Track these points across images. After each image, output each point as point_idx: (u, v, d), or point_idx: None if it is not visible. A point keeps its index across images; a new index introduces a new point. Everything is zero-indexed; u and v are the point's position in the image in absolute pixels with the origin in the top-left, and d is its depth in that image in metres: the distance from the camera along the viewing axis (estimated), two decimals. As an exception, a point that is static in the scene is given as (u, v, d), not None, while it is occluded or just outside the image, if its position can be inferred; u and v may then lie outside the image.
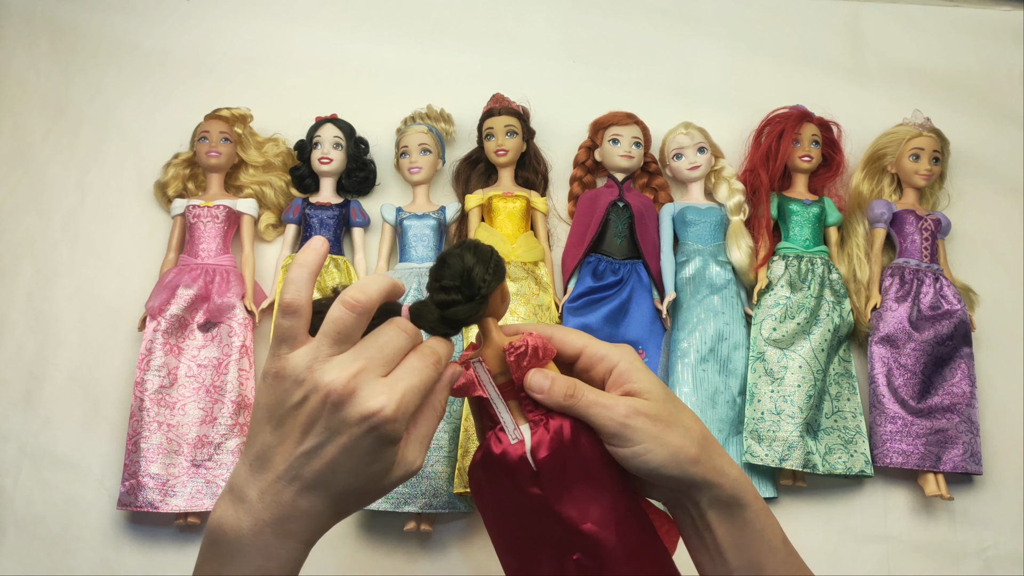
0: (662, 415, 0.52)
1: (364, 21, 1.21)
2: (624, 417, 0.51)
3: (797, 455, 0.96)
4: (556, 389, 0.53)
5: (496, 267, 0.54)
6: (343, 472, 0.49)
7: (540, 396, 0.53)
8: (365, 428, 0.48)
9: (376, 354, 0.50)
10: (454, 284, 0.53)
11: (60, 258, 1.07)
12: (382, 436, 0.48)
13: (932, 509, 1.02)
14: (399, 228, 1.07)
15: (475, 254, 0.54)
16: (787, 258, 1.06)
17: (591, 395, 0.52)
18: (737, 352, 1.02)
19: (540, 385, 0.53)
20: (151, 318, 0.99)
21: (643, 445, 0.51)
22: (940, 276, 1.07)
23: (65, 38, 1.18)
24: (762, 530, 0.55)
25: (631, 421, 0.51)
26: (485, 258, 0.54)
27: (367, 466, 0.49)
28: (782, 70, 1.21)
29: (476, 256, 0.54)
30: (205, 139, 1.06)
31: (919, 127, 1.11)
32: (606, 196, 1.06)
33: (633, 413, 0.51)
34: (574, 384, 0.53)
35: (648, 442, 0.51)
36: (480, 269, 0.53)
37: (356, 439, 0.48)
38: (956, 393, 1.02)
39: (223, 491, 0.53)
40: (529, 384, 0.54)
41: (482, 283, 0.53)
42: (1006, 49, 1.25)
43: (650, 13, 1.24)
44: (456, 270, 0.53)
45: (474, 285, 0.53)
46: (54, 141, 1.13)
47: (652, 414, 0.52)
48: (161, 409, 0.97)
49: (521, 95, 1.12)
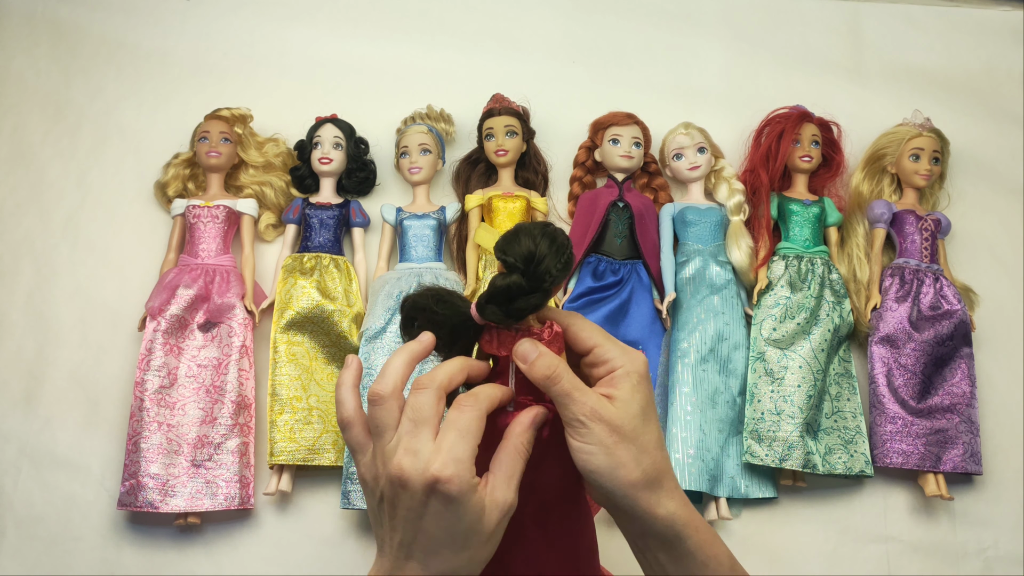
0: (623, 428, 0.52)
1: (364, 21, 1.21)
2: (584, 415, 0.52)
3: (797, 455, 0.96)
4: (539, 364, 0.53)
5: (567, 262, 0.53)
6: (441, 541, 0.51)
7: (523, 367, 0.53)
8: (431, 495, 0.50)
9: (410, 428, 0.51)
10: (517, 266, 0.52)
11: (60, 258, 1.07)
12: (448, 496, 0.50)
13: (932, 509, 1.02)
14: (399, 228, 1.07)
15: (550, 241, 0.52)
16: (787, 258, 1.06)
17: (568, 383, 0.53)
18: (737, 352, 1.02)
19: (525, 355, 0.53)
20: (151, 318, 0.99)
21: (590, 447, 0.52)
22: (940, 276, 1.07)
23: (65, 38, 1.18)
24: (705, 561, 0.55)
25: (589, 422, 0.52)
26: (558, 249, 0.52)
27: (456, 524, 0.51)
28: (782, 70, 1.21)
29: (550, 244, 0.52)
30: (205, 139, 1.07)
31: (919, 127, 1.11)
32: (606, 196, 1.06)
33: (595, 416, 0.52)
34: (557, 366, 0.53)
35: (595, 446, 0.52)
36: (551, 260, 0.52)
37: (432, 508, 0.50)
38: (956, 393, 1.02)
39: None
40: (516, 351, 0.54)
41: (547, 276, 0.52)
42: (1006, 49, 1.25)
43: (650, 13, 1.24)
44: (524, 252, 0.52)
45: (539, 277, 0.52)
46: (54, 141, 1.13)
47: (614, 423, 0.52)
48: (161, 409, 0.97)
49: (521, 95, 1.12)
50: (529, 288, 0.52)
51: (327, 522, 0.98)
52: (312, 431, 0.98)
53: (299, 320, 1.01)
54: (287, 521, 0.98)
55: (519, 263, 0.52)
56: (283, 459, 0.96)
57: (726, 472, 0.98)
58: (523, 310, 0.53)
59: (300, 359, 1.01)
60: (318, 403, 0.99)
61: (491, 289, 0.53)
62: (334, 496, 0.99)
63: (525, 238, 0.52)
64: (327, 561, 0.95)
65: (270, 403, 0.98)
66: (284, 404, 0.98)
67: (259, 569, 0.96)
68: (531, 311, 0.53)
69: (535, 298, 0.53)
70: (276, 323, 1.01)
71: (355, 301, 1.04)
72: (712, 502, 0.97)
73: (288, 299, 1.02)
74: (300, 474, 1.00)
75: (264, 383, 1.01)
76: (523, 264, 0.52)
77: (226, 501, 0.95)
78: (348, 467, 0.96)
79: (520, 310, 0.53)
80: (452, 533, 0.51)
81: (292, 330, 1.01)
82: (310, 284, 1.02)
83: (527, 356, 0.53)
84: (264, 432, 0.99)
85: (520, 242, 0.52)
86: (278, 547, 0.97)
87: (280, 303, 1.02)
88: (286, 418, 0.98)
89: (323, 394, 1.00)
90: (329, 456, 0.98)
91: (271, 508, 0.99)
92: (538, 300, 0.53)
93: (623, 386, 0.53)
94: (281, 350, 1.00)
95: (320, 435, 0.98)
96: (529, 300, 0.53)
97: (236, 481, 0.96)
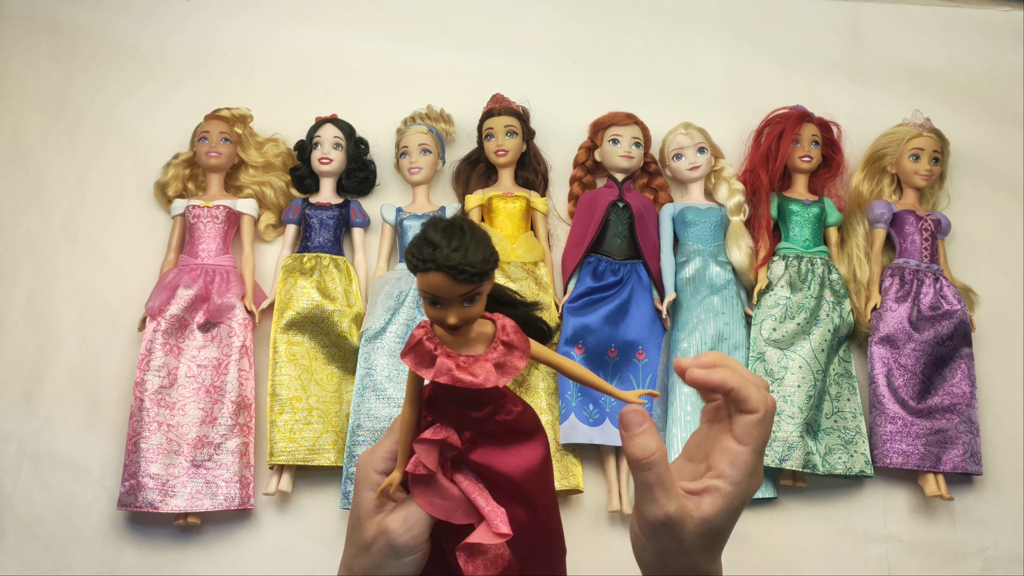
0: (688, 545, 0.50)
1: (364, 21, 1.21)
2: (658, 519, 0.50)
3: (797, 455, 0.96)
4: (637, 443, 0.50)
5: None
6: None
7: (622, 434, 0.51)
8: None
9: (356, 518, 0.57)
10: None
11: (60, 258, 1.07)
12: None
13: (932, 509, 1.02)
14: (399, 228, 1.07)
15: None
16: (787, 258, 1.06)
17: (656, 476, 0.50)
18: (737, 352, 1.02)
19: (630, 424, 0.51)
20: (151, 318, 0.99)
21: (645, 543, 0.52)
22: (940, 276, 1.07)
23: (65, 38, 1.18)
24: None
25: (658, 525, 0.50)
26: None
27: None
28: (782, 70, 1.21)
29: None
30: (205, 139, 1.06)
31: (919, 127, 1.11)
32: (606, 196, 1.06)
33: (665, 526, 0.50)
34: (655, 451, 0.50)
35: (651, 546, 0.51)
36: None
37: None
38: (956, 393, 1.02)
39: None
40: (623, 418, 0.51)
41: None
42: (1006, 49, 1.25)
43: (650, 13, 1.24)
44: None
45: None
46: (54, 141, 1.13)
47: (681, 541, 0.50)
48: (161, 409, 0.97)
49: (521, 95, 1.12)
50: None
51: (327, 522, 0.98)
52: (312, 431, 0.98)
53: (299, 320, 1.01)
54: (287, 521, 0.98)
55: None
56: (283, 459, 0.96)
57: (726, 472, 0.98)
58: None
59: (300, 359, 1.01)
60: (318, 403, 0.99)
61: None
62: (334, 496, 0.99)
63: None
64: (327, 561, 0.95)
65: (270, 403, 0.98)
66: (284, 404, 0.98)
67: (259, 569, 0.96)
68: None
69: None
70: (276, 323, 1.01)
71: (355, 301, 1.04)
72: (712, 502, 0.97)
73: (288, 299, 1.02)
74: (300, 474, 1.00)
75: (264, 383, 1.01)
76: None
77: (226, 501, 0.95)
78: (348, 467, 0.96)
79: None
80: (351, 512, 0.58)
81: (292, 330, 1.01)
82: (310, 284, 1.02)
83: (631, 426, 0.51)
84: (264, 432, 0.99)
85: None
86: (278, 547, 0.97)
87: (280, 303, 1.02)
88: (286, 418, 0.98)
89: (323, 394, 1.00)
90: (329, 456, 0.98)
91: (271, 508, 0.98)
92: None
93: (716, 496, 0.50)
94: (281, 350, 1.00)
95: (320, 435, 0.98)
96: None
97: (236, 481, 0.96)
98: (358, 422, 0.97)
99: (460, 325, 0.48)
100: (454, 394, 0.52)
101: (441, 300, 0.47)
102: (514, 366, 0.50)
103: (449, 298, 0.47)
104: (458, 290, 0.47)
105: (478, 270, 0.46)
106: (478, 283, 0.47)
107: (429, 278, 0.47)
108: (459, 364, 0.49)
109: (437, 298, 0.47)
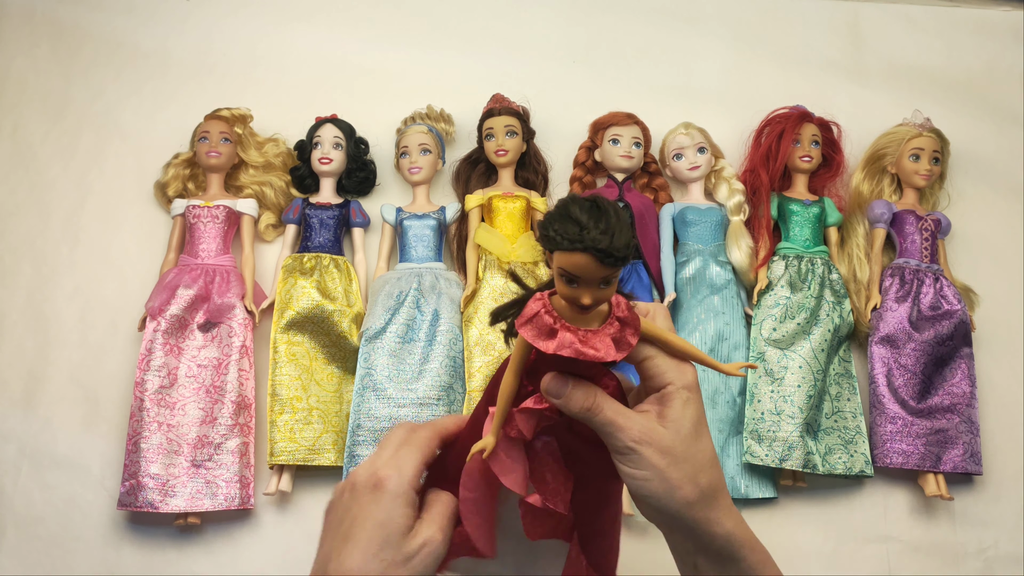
0: (675, 448, 0.51)
1: (364, 21, 1.21)
2: (633, 441, 0.50)
3: (797, 455, 0.96)
4: (575, 398, 0.51)
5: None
6: (363, 539, 0.53)
7: (557, 402, 0.52)
8: (370, 492, 0.53)
9: (377, 449, 0.56)
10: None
11: (60, 258, 1.07)
12: (380, 491, 0.53)
13: (932, 509, 1.02)
14: (399, 228, 1.07)
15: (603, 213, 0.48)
16: (787, 258, 1.06)
17: (610, 412, 0.51)
18: (737, 352, 1.02)
19: (558, 390, 0.51)
20: (151, 318, 0.99)
21: (643, 472, 0.51)
22: (940, 276, 1.07)
23: (66, 39, 1.18)
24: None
25: (640, 447, 0.50)
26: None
27: (378, 523, 0.53)
28: (782, 70, 1.21)
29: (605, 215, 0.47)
30: (205, 139, 1.07)
31: (919, 127, 1.11)
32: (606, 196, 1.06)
33: (644, 439, 0.50)
34: (595, 396, 0.51)
35: (648, 470, 0.51)
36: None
37: (365, 502, 0.53)
38: (956, 393, 1.02)
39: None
40: (546, 388, 0.52)
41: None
42: (1006, 49, 1.25)
43: (650, 13, 1.24)
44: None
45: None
46: (54, 141, 1.13)
47: (664, 445, 0.51)
48: (161, 409, 0.97)
49: (521, 95, 1.12)
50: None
51: (327, 522, 0.98)
52: (312, 431, 0.98)
53: (299, 320, 1.01)
54: (287, 521, 0.98)
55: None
56: (283, 459, 0.96)
57: (726, 472, 0.98)
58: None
59: (300, 359, 1.01)
60: (318, 403, 0.99)
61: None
62: (334, 496, 0.99)
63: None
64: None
65: (270, 403, 0.98)
66: (284, 404, 0.98)
67: (259, 569, 0.96)
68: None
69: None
70: (276, 323, 1.01)
71: (355, 301, 1.04)
72: (712, 502, 0.97)
73: (288, 299, 1.02)
74: (300, 474, 1.00)
75: (264, 383, 1.01)
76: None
77: (226, 501, 0.95)
78: (348, 467, 0.96)
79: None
80: (372, 532, 0.51)
81: (292, 330, 1.01)
82: (310, 284, 1.02)
83: (558, 392, 0.51)
84: (264, 432, 0.99)
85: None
86: (278, 547, 0.97)
87: (280, 303, 1.02)
88: (286, 418, 0.98)
89: (323, 394, 1.00)
90: (329, 456, 0.98)
91: (271, 508, 0.99)
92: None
93: (674, 403, 0.52)
94: (281, 350, 1.00)
95: (320, 435, 0.98)
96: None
97: (236, 481, 0.96)
98: (358, 422, 0.97)
99: (594, 306, 0.49)
100: (562, 367, 0.52)
101: (580, 280, 0.47)
102: (628, 342, 0.51)
103: (590, 279, 0.47)
104: (600, 272, 0.47)
105: (623, 254, 0.46)
106: (621, 266, 0.47)
107: (574, 258, 0.46)
108: (580, 338, 0.49)
109: (576, 277, 0.47)
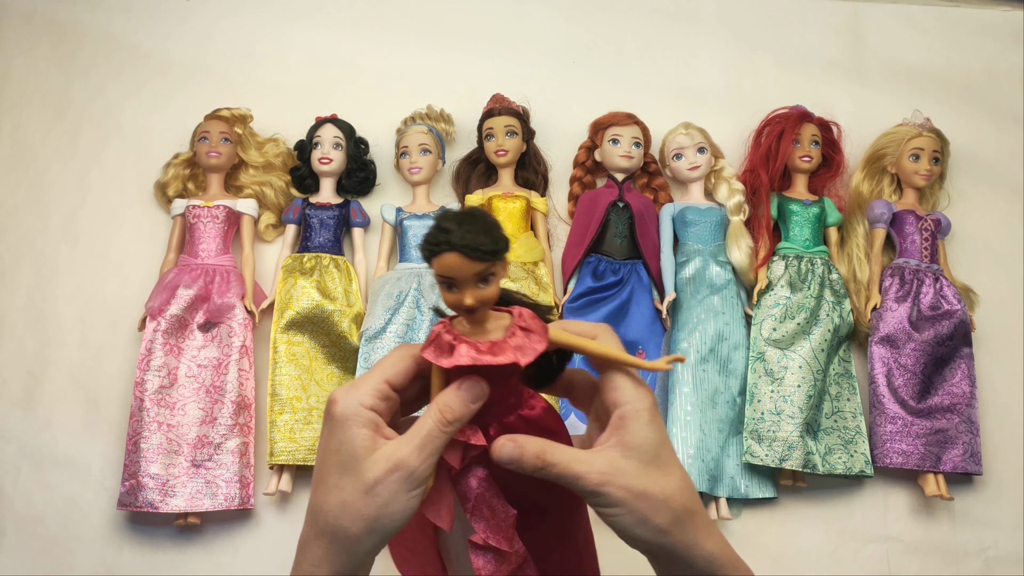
0: (640, 479, 0.50)
1: (364, 21, 1.21)
2: (596, 485, 0.49)
3: (797, 455, 0.96)
4: (527, 457, 0.50)
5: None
6: (326, 465, 0.53)
7: (511, 466, 0.51)
8: (327, 418, 0.53)
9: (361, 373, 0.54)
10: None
11: (60, 258, 1.07)
12: (331, 415, 0.52)
13: (932, 509, 1.02)
14: (399, 228, 1.07)
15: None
16: (787, 258, 1.06)
17: (564, 464, 0.50)
18: (737, 352, 1.02)
19: (512, 456, 0.50)
20: (151, 318, 0.99)
21: (613, 508, 0.50)
22: (940, 276, 1.07)
23: (66, 39, 1.18)
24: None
25: (603, 488, 0.49)
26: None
27: (336, 449, 0.52)
28: (782, 70, 1.21)
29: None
30: (205, 139, 1.07)
31: (919, 127, 1.11)
32: (606, 196, 1.06)
33: (606, 480, 0.49)
34: (544, 451, 0.50)
35: (618, 507, 0.50)
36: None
37: (326, 429, 0.53)
38: (956, 393, 1.02)
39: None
40: (499, 455, 0.51)
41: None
42: (1006, 49, 1.25)
43: (650, 13, 1.24)
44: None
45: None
46: (54, 141, 1.13)
47: (628, 479, 0.50)
48: (161, 409, 0.97)
49: (521, 95, 1.12)
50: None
51: (327, 522, 0.98)
52: (312, 431, 0.98)
53: (299, 320, 1.01)
54: (287, 521, 0.98)
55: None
56: (283, 459, 0.96)
57: (726, 472, 0.98)
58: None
59: (300, 359, 1.01)
60: (318, 403, 0.99)
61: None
62: (334, 496, 0.99)
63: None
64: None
65: (270, 403, 0.98)
66: (284, 404, 0.98)
67: (259, 569, 0.96)
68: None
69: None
70: (276, 323, 1.01)
71: (355, 301, 1.04)
72: (712, 502, 0.97)
73: (288, 299, 1.02)
74: (300, 474, 1.00)
75: (264, 383, 1.01)
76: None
77: (226, 501, 0.95)
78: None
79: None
80: (331, 459, 0.51)
81: (292, 330, 1.01)
82: (310, 284, 1.02)
83: (512, 457, 0.50)
84: (264, 432, 0.99)
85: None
86: (278, 547, 0.97)
87: (280, 303, 1.02)
88: (286, 418, 0.98)
89: (323, 394, 1.00)
90: (329, 456, 0.97)
91: (271, 508, 0.99)
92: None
93: (631, 427, 0.51)
94: (281, 350, 1.00)
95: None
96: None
97: (236, 481, 0.96)
98: (358, 422, 0.97)
99: (477, 307, 0.49)
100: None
101: (456, 282, 0.48)
102: (533, 348, 0.50)
103: (464, 279, 0.48)
104: (472, 268, 0.47)
105: (490, 248, 0.47)
106: (491, 261, 0.48)
107: (443, 260, 0.47)
108: (479, 349, 0.50)
109: (452, 280, 0.48)
